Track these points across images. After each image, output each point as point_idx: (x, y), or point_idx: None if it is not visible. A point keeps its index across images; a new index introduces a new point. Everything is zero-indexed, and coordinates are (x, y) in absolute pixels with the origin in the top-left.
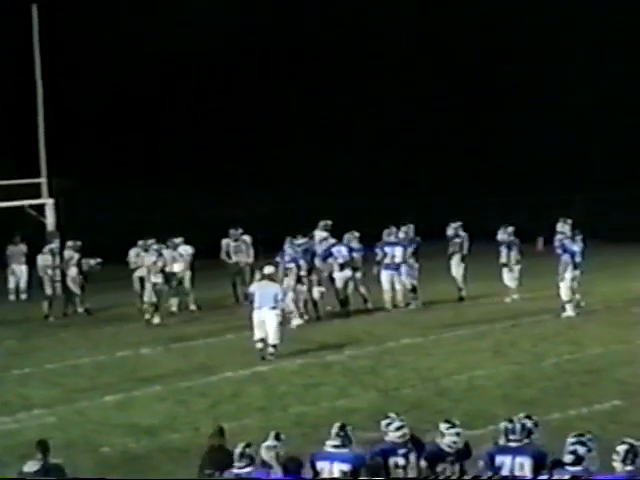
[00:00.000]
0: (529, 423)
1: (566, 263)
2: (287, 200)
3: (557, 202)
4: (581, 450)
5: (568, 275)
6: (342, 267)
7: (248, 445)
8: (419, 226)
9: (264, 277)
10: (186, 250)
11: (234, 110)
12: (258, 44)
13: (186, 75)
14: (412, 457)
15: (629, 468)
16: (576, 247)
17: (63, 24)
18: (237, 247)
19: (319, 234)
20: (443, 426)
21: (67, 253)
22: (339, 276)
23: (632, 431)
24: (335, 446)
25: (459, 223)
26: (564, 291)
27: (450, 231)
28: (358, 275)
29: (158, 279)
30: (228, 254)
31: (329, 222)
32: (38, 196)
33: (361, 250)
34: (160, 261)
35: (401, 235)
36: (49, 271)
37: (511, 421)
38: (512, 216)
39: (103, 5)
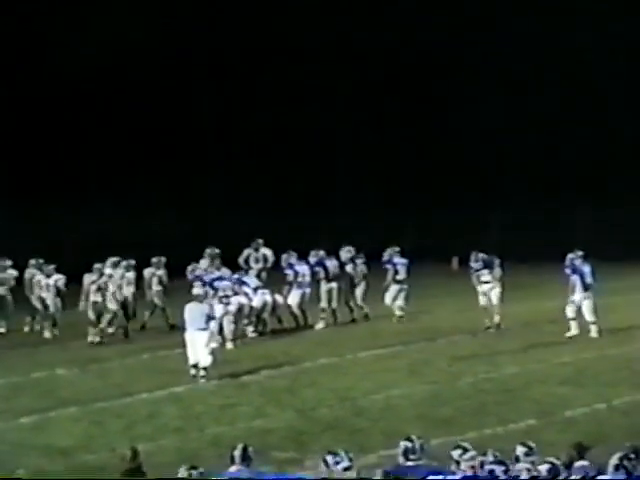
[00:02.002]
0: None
1: (574, 284)
2: (206, 219)
3: (473, 221)
4: (498, 469)
5: (577, 296)
6: (256, 290)
7: None
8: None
9: (193, 298)
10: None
11: (150, 125)
12: (175, 60)
13: (100, 90)
14: None
15: None
16: (586, 268)
17: None
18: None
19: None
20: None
21: (29, 272)
22: (256, 300)
23: (547, 450)
24: (238, 468)
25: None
26: (571, 308)
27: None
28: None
29: (98, 298)
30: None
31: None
32: None
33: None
34: (101, 280)
35: (312, 259)
36: None
37: (410, 440)
38: (427, 235)
39: (6, 20)
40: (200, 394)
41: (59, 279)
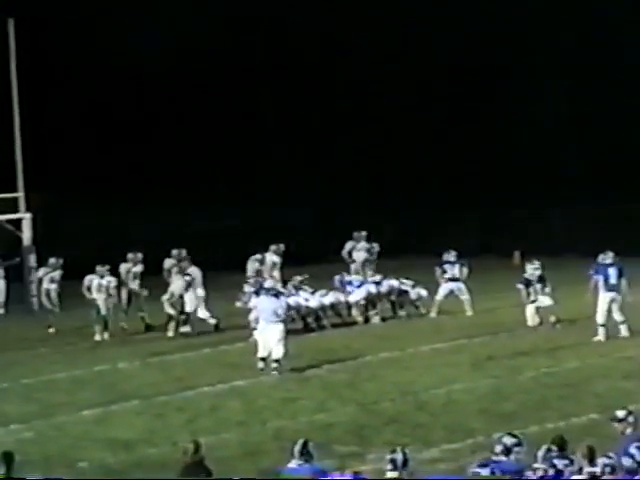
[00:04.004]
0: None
1: (595, 284)
2: (257, 215)
3: (535, 216)
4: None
5: (601, 297)
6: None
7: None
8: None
9: (265, 291)
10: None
11: (209, 123)
12: (235, 58)
13: (164, 89)
14: None
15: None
16: (612, 270)
17: (40, 38)
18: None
19: (270, 257)
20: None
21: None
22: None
23: (609, 444)
24: (298, 464)
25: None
26: (599, 313)
27: None
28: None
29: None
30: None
31: (281, 245)
32: (15, 211)
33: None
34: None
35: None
36: (46, 285)
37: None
38: (490, 229)
39: (81, 19)
40: (262, 388)
41: (111, 281)
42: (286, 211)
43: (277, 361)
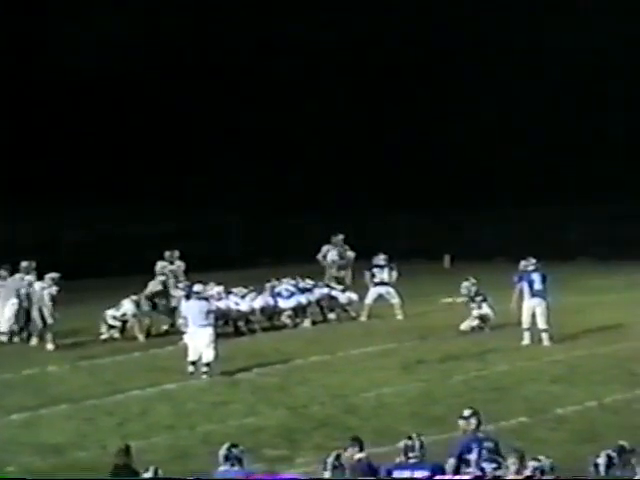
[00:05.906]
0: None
1: (520, 291)
2: (192, 219)
3: (465, 219)
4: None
5: (525, 304)
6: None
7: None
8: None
9: (193, 295)
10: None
11: (140, 124)
12: (162, 59)
13: (85, 90)
14: None
15: None
16: (535, 276)
17: None
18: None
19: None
20: None
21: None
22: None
23: (537, 447)
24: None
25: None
26: (523, 318)
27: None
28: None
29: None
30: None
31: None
32: None
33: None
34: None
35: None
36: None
37: (410, 438)
38: (423, 233)
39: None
40: (192, 392)
41: (56, 289)
42: (220, 213)
43: (207, 365)
